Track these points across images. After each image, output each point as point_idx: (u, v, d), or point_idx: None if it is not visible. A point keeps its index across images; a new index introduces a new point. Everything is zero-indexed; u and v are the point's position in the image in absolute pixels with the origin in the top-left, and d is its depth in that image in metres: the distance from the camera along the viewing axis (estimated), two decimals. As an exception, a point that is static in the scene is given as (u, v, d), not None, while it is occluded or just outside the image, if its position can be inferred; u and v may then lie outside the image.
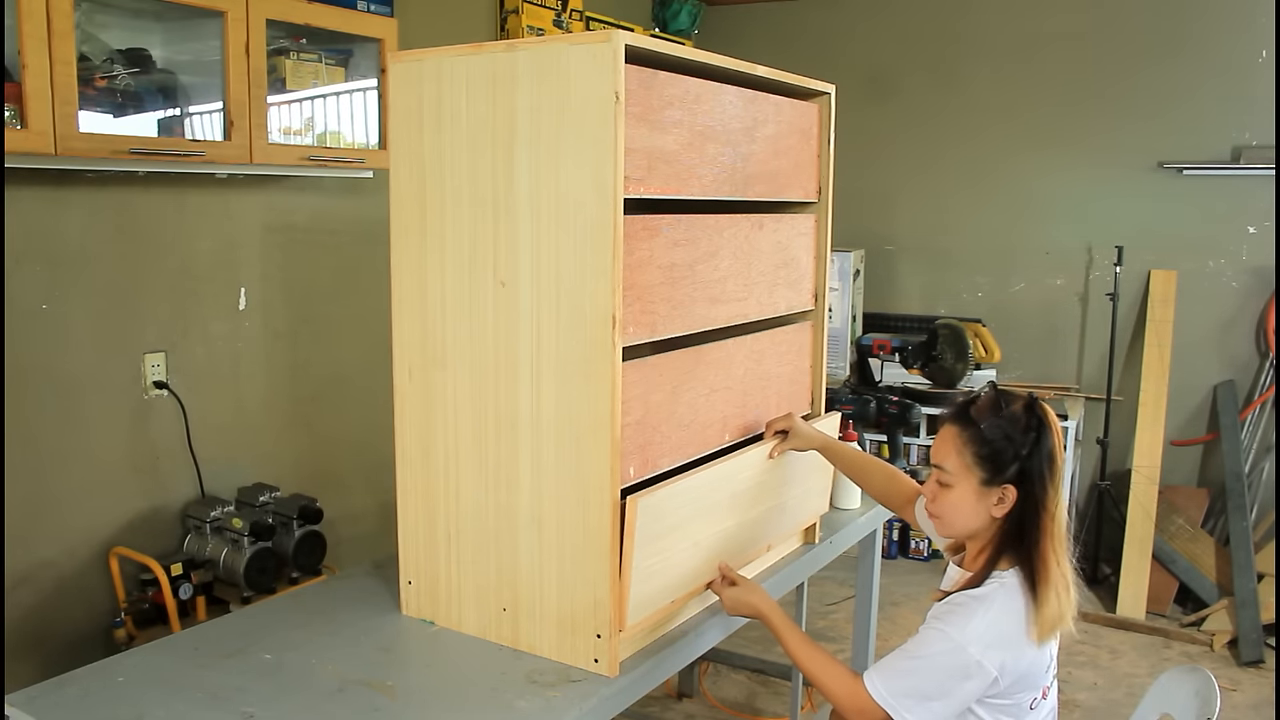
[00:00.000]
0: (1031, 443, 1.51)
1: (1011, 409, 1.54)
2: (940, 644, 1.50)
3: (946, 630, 1.50)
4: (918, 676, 1.50)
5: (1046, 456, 1.51)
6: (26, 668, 2.49)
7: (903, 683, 1.50)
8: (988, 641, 1.47)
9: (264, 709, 1.51)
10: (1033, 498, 1.52)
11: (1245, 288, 4.17)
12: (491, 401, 1.67)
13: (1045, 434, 1.52)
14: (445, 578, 1.78)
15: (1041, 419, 1.53)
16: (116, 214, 2.64)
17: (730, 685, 3.34)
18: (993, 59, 4.55)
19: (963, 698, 1.49)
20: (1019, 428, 1.52)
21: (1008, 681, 1.50)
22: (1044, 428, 1.52)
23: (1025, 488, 1.52)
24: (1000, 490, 1.53)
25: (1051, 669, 1.60)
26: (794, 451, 1.98)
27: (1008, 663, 1.48)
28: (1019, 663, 1.50)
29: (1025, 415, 1.53)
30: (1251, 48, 4.06)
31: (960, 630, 1.49)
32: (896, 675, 1.51)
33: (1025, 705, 1.56)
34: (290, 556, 2.76)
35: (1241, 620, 3.65)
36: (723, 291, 1.83)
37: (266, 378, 3.08)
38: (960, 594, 1.54)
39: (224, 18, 2.51)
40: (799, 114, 2.03)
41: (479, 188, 1.63)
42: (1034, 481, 1.51)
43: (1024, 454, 1.51)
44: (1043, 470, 1.51)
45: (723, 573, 1.81)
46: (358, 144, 3.02)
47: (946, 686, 1.49)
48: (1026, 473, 1.51)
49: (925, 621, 1.55)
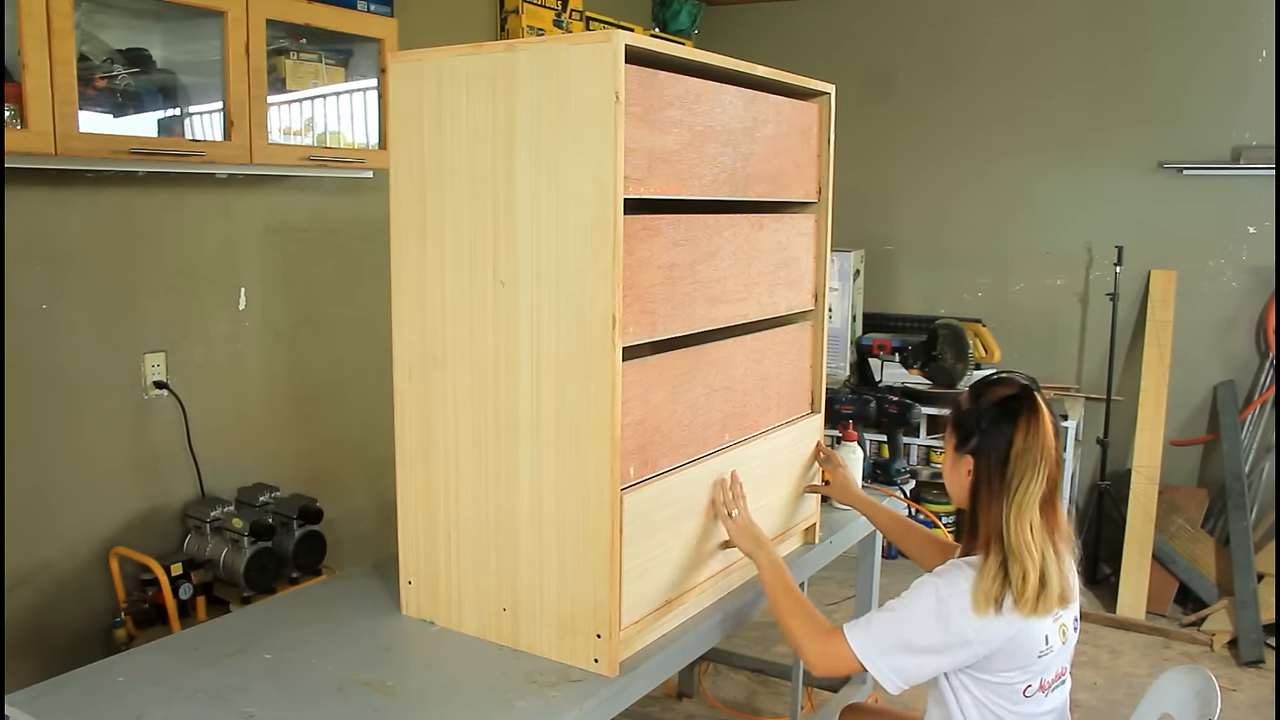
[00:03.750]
0: (991, 421, 1.60)
1: (992, 392, 1.64)
2: (924, 602, 1.57)
3: (937, 587, 1.57)
4: (896, 630, 1.57)
5: (1006, 439, 1.58)
6: (26, 668, 2.49)
7: (882, 637, 1.57)
8: (966, 603, 1.53)
9: (264, 709, 1.51)
10: (989, 472, 1.59)
11: (1245, 288, 4.17)
12: (491, 401, 1.67)
13: (1010, 421, 1.58)
14: (445, 578, 1.78)
15: (1017, 409, 1.59)
16: (116, 214, 2.64)
17: (730, 685, 3.34)
18: (993, 59, 4.55)
19: (937, 661, 1.57)
20: (986, 406, 1.62)
21: (986, 650, 1.54)
22: (1013, 415, 1.59)
23: (982, 461, 1.60)
24: (966, 460, 1.63)
25: (1051, 661, 1.61)
26: (785, 447, 2.04)
27: (985, 628, 1.53)
28: (994, 630, 1.53)
29: (1001, 400, 1.61)
30: (1251, 48, 4.06)
31: (946, 588, 1.56)
32: (876, 628, 1.58)
33: (1018, 689, 1.59)
34: (290, 556, 2.76)
35: (1241, 620, 3.65)
36: (723, 291, 1.83)
37: (266, 378, 3.08)
38: (950, 560, 1.63)
39: (224, 18, 2.51)
40: (799, 114, 2.03)
41: (479, 188, 1.63)
42: (990, 457, 1.59)
43: (982, 428, 1.60)
44: (1004, 450, 1.58)
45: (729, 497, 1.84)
46: (358, 144, 3.02)
47: (922, 644, 1.55)
48: (984, 449, 1.60)
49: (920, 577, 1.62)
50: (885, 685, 1.58)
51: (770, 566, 1.75)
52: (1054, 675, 1.63)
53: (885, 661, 1.57)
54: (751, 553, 1.79)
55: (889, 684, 1.57)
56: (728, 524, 1.82)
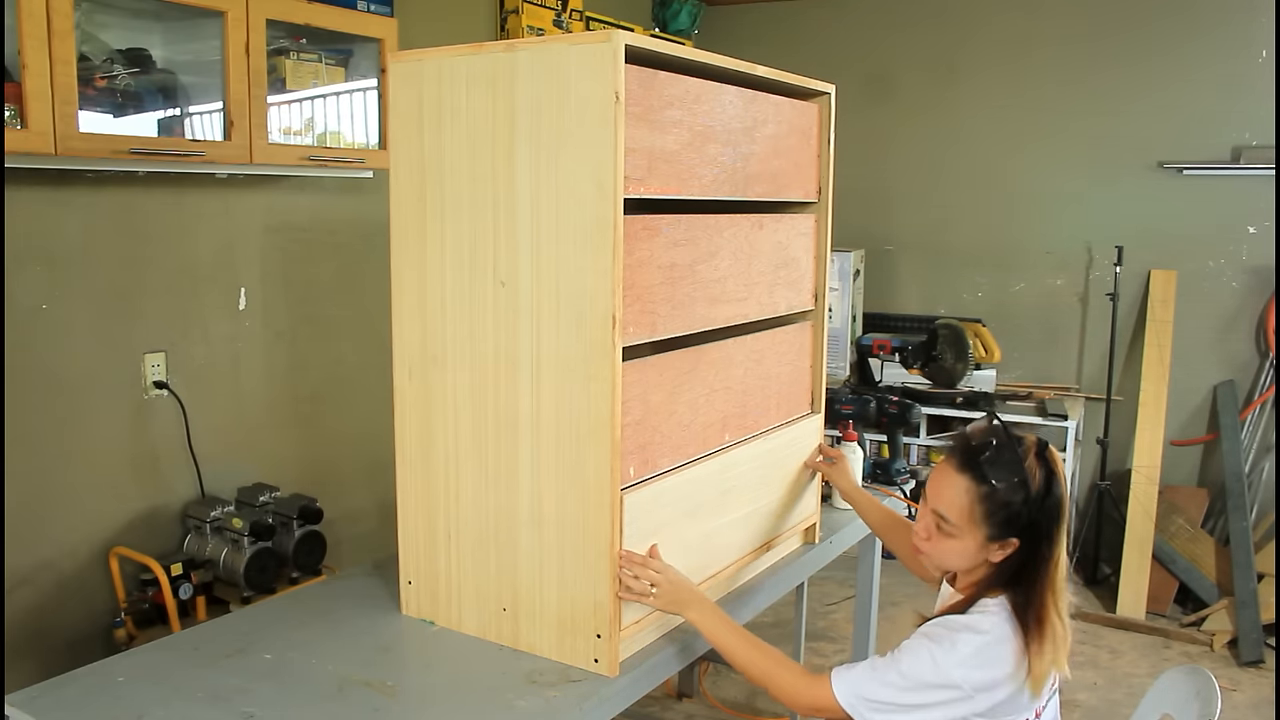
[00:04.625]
0: (1042, 497, 1.46)
1: (1026, 464, 1.47)
2: (924, 663, 1.47)
3: (934, 651, 1.47)
4: (893, 689, 1.47)
5: (1055, 506, 1.47)
6: (26, 668, 2.49)
7: (875, 692, 1.48)
8: (971, 667, 1.45)
9: (264, 709, 1.51)
10: (1036, 549, 1.48)
11: (1245, 288, 4.17)
12: (491, 401, 1.67)
13: (1055, 484, 1.47)
14: (445, 578, 1.78)
15: (1051, 469, 1.48)
16: (116, 214, 2.64)
17: (730, 685, 3.34)
18: (993, 58, 4.55)
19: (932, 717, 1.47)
20: (1034, 484, 1.46)
21: (984, 706, 1.47)
22: (1054, 479, 1.47)
23: (1031, 541, 1.48)
24: (1005, 542, 1.49)
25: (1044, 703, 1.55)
26: (785, 448, 2.05)
27: (986, 689, 1.45)
28: (997, 692, 1.46)
29: (1039, 468, 1.47)
30: (1251, 48, 4.06)
31: (947, 654, 1.46)
32: (870, 683, 1.49)
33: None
34: (290, 556, 2.76)
35: (1241, 620, 3.65)
36: (723, 291, 1.83)
37: (266, 378, 3.08)
38: (952, 616, 1.51)
39: (224, 18, 2.51)
40: (799, 114, 2.03)
41: (479, 188, 1.63)
42: (1040, 534, 1.47)
43: (1035, 509, 1.46)
44: (1051, 522, 1.47)
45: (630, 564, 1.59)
46: (358, 144, 3.02)
47: (918, 703, 1.46)
48: (1035, 525, 1.47)
49: (912, 637, 1.52)
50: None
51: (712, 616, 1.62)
52: (1044, 700, 1.55)
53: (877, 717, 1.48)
54: (681, 610, 1.63)
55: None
56: (653, 601, 1.61)
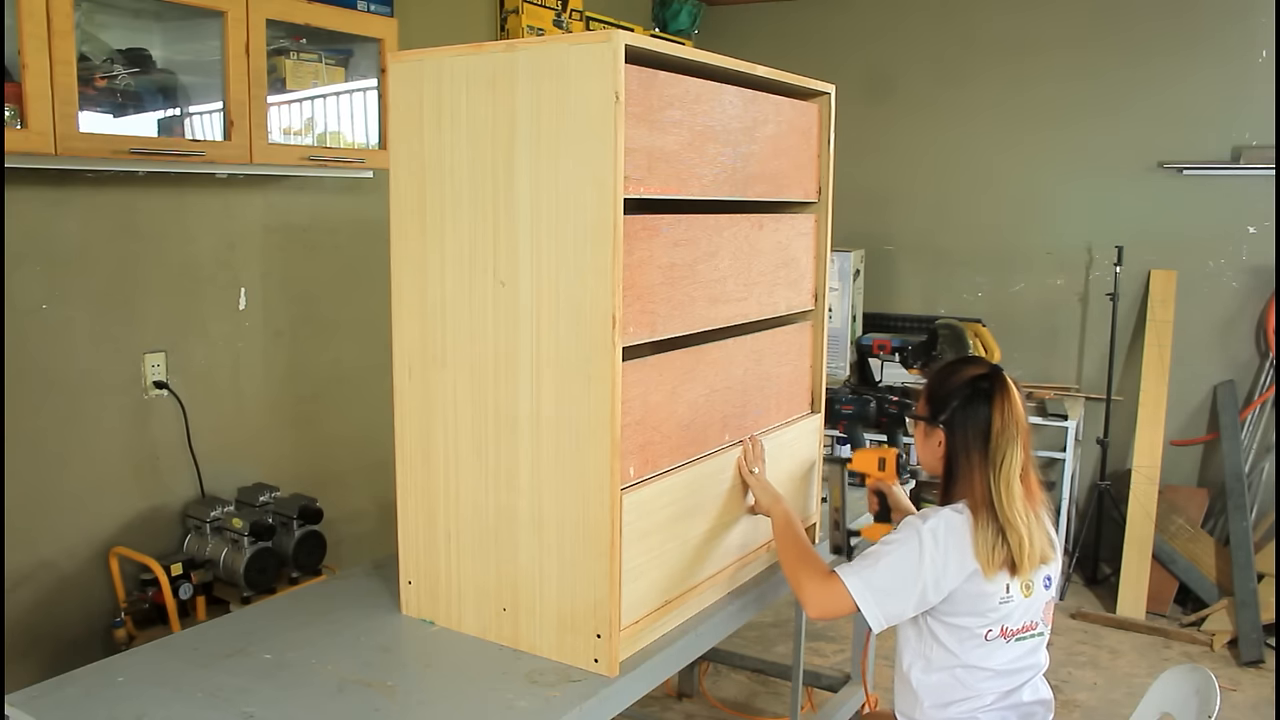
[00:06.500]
0: (964, 399, 1.73)
1: (963, 371, 1.77)
2: (909, 545, 1.68)
3: (920, 531, 1.68)
4: (886, 573, 1.68)
5: (984, 419, 1.71)
6: (26, 668, 2.49)
7: (872, 580, 1.68)
8: (938, 538, 1.67)
9: (264, 709, 1.51)
10: (966, 445, 1.72)
11: (1245, 288, 4.17)
12: (491, 401, 1.67)
13: (985, 401, 1.72)
14: (445, 578, 1.78)
15: (990, 390, 1.72)
16: (116, 214, 2.64)
17: (730, 685, 3.34)
18: (993, 58, 4.55)
19: (918, 596, 1.67)
20: (958, 384, 1.75)
21: (947, 590, 1.67)
22: (986, 396, 1.72)
23: (955, 435, 1.74)
24: (938, 433, 1.77)
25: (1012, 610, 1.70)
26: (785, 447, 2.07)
27: (950, 569, 1.66)
28: (958, 574, 1.66)
29: (972, 379, 1.74)
30: (1251, 48, 4.06)
31: (930, 533, 1.67)
32: (868, 571, 1.69)
33: (979, 634, 1.70)
34: (290, 556, 2.76)
35: (1241, 620, 3.65)
36: (723, 291, 1.83)
37: (266, 377, 3.08)
38: (933, 507, 1.76)
39: (224, 18, 2.51)
40: (799, 114, 2.03)
41: (479, 188, 1.63)
42: (966, 432, 1.72)
43: (954, 405, 1.74)
44: (983, 429, 1.71)
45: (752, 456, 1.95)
46: (358, 144, 3.02)
47: (903, 577, 1.67)
48: (956, 424, 1.73)
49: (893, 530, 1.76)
50: (871, 622, 1.69)
51: (784, 518, 1.88)
52: (1019, 625, 1.73)
53: (876, 601, 1.68)
54: (769, 506, 1.91)
55: (875, 621, 1.69)
56: (750, 479, 1.93)
